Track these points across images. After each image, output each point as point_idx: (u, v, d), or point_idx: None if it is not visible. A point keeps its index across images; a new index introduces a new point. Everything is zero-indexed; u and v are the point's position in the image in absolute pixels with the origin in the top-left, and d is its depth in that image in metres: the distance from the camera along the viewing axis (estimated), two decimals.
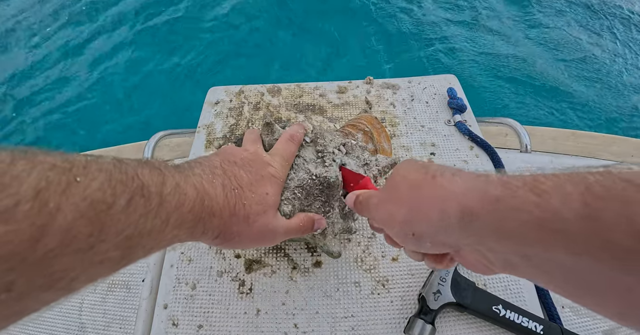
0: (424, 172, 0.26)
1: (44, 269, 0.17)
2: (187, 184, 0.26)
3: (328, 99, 0.67)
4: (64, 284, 0.18)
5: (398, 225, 0.27)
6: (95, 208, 0.18)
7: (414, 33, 2.21)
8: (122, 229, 0.20)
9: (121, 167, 0.21)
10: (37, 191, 0.16)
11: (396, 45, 2.17)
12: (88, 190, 0.18)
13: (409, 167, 0.28)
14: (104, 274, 0.21)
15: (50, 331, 0.51)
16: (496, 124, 0.70)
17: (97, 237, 0.19)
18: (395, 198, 0.28)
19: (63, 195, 0.17)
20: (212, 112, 0.66)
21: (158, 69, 2.12)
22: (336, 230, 0.43)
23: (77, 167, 0.18)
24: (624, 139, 0.78)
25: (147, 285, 0.50)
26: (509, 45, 2.16)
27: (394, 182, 0.29)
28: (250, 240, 0.33)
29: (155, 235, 0.23)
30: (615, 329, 0.47)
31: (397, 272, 0.47)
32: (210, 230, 0.29)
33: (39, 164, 0.17)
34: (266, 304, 0.46)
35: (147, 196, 0.22)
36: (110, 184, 0.20)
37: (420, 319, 0.41)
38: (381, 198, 0.30)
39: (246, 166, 0.33)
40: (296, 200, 0.39)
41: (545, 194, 0.18)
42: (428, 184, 0.25)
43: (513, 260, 0.21)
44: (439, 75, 0.71)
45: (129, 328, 0.49)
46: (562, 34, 2.19)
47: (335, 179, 0.40)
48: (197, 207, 0.27)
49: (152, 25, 2.29)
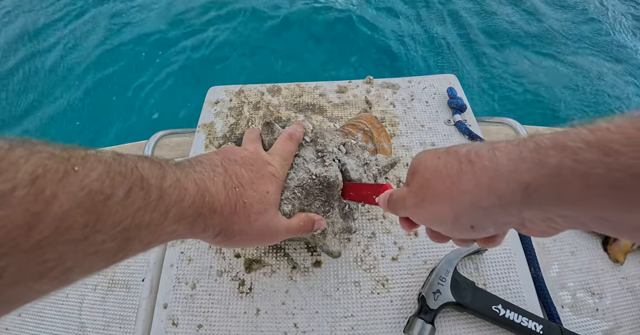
0: (456, 159, 0.24)
1: (36, 256, 0.16)
2: (187, 180, 0.26)
3: (328, 98, 0.67)
4: (57, 274, 0.18)
5: (451, 224, 0.26)
6: (93, 198, 0.18)
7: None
8: (119, 220, 0.20)
9: (121, 160, 0.21)
10: (33, 178, 0.16)
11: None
12: (86, 180, 0.18)
13: (435, 159, 0.26)
14: (100, 266, 0.21)
15: (50, 331, 0.51)
16: (496, 124, 0.70)
17: (93, 227, 0.18)
18: (438, 196, 0.25)
19: (60, 183, 0.17)
20: (212, 111, 0.66)
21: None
22: (336, 230, 0.43)
23: (76, 157, 0.18)
24: None
25: (147, 285, 0.50)
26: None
27: (425, 178, 0.26)
28: (251, 239, 0.33)
29: (153, 229, 0.22)
30: (615, 329, 0.47)
31: (397, 272, 0.47)
32: (211, 228, 0.29)
33: (37, 152, 0.17)
34: (266, 303, 0.46)
35: (147, 189, 0.22)
36: (109, 175, 0.19)
37: (420, 319, 0.41)
38: (419, 197, 0.28)
39: (247, 165, 0.33)
40: (296, 199, 0.39)
41: (616, 153, 0.17)
42: (468, 171, 0.23)
43: (584, 221, 0.20)
44: (438, 74, 0.71)
45: (128, 327, 0.49)
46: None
47: (335, 178, 0.40)
48: (198, 203, 0.26)
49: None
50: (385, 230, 0.51)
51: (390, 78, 0.70)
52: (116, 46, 2.24)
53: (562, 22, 2.27)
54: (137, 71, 2.13)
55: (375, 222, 0.51)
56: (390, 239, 0.50)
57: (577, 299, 0.49)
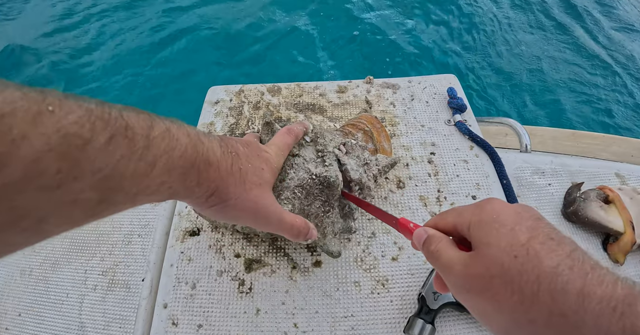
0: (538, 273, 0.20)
1: (2, 203, 0.15)
2: (179, 131, 0.24)
3: (328, 98, 0.67)
4: (29, 224, 0.16)
5: (493, 328, 0.23)
6: (69, 142, 0.16)
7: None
8: (99, 168, 0.18)
9: (104, 106, 0.19)
10: (0, 115, 0.14)
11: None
12: (63, 121, 0.16)
13: (518, 246, 0.21)
14: (80, 218, 0.19)
15: (50, 331, 0.51)
16: (496, 124, 0.70)
17: (69, 173, 0.17)
18: (500, 302, 0.21)
19: (32, 124, 0.15)
20: (212, 111, 0.66)
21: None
22: (336, 230, 0.43)
23: (52, 99, 0.16)
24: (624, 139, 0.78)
25: (147, 285, 0.50)
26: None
27: (494, 273, 0.22)
28: (245, 209, 0.31)
29: (139, 179, 0.21)
30: None
31: (397, 272, 0.47)
32: (206, 183, 0.27)
33: (7, 92, 0.15)
34: (266, 303, 0.46)
35: (131, 137, 0.20)
36: (89, 120, 0.17)
37: (420, 319, 0.41)
38: (478, 285, 0.23)
39: (242, 142, 0.33)
40: (296, 199, 0.39)
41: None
42: (544, 306, 0.20)
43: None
44: (439, 75, 0.71)
45: (128, 327, 0.49)
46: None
47: (335, 178, 0.40)
48: (190, 153, 0.24)
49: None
50: (385, 230, 0.51)
51: (390, 78, 0.70)
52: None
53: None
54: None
55: (375, 222, 0.51)
56: (391, 238, 0.50)
57: None
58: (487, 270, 0.22)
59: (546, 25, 2.33)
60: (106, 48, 2.22)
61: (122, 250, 0.55)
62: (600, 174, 0.61)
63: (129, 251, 0.55)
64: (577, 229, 0.55)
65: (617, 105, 1.94)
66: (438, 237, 0.27)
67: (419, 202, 0.53)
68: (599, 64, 2.11)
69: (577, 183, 0.57)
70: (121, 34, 2.29)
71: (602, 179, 0.60)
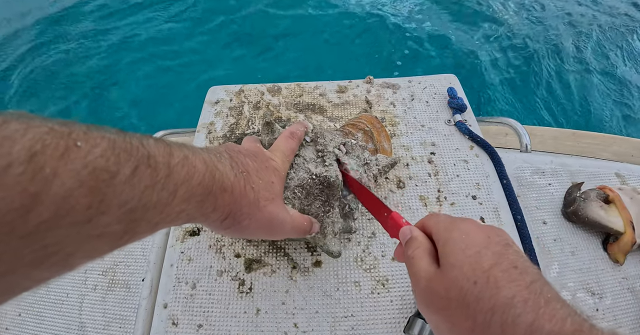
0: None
1: (34, 242, 0.15)
2: (195, 158, 0.25)
3: (328, 98, 0.67)
4: (57, 260, 0.16)
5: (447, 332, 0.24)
6: (97, 177, 0.16)
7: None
8: (126, 200, 0.18)
9: (125, 136, 0.19)
10: (31, 154, 0.14)
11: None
12: (89, 156, 0.16)
13: (480, 271, 0.22)
14: (104, 250, 0.19)
15: (50, 330, 0.51)
16: (496, 124, 0.70)
17: (97, 208, 0.17)
18: (455, 324, 0.22)
19: (61, 160, 0.15)
20: (212, 111, 0.66)
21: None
22: (336, 230, 0.43)
23: (77, 132, 0.16)
24: (624, 139, 0.78)
25: (147, 285, 0.50)
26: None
27: (452, 297, 0.22)
28: (259, 226, 0.32)
29: (161, 209, 0.21)
30: (615, 329, 0.47)
31: (397, 272, 0.47)
32: (221, 208, 0.27)
33: (34, 127, 0.15)
34: (266, 303, 0.46)
35: (154, 166, 0.20)
36: (113, 152, 0.18)
37: (420, 319, 0.41)
38: (438, 303, 0.24)
39: (250, 156, 0.33)
40: (296, 199, 0.39)
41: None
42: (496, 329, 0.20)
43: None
44: (439, 74, 0.71)
45: (128, 327, 0.49)
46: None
47: (335, 178, 0.40)
48: (208, 181, 0.25)
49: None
50: (386, 231, 0.51)
51: (390, 78, 0.70)
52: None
53: None
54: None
55: (376, 221, 0.51)
56: (391, 238, 0.50)
57: (577, 299, 0.49)
58: (447, 292, 0.23)
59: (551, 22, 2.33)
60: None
61: (122, 250, 0.55)
62: (601, 173, 0.61)
63: (129, 251, 0.55)
64: (577, 229, 0.55)
65: (620, 106, 1.94)
66: (418, 242, 0.28)
67: (419, 202, 0.53)
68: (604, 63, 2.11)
69: (577, 183, 0.57)
70: (123, 32, 2.30)
71: (602, 178, 0.60)
